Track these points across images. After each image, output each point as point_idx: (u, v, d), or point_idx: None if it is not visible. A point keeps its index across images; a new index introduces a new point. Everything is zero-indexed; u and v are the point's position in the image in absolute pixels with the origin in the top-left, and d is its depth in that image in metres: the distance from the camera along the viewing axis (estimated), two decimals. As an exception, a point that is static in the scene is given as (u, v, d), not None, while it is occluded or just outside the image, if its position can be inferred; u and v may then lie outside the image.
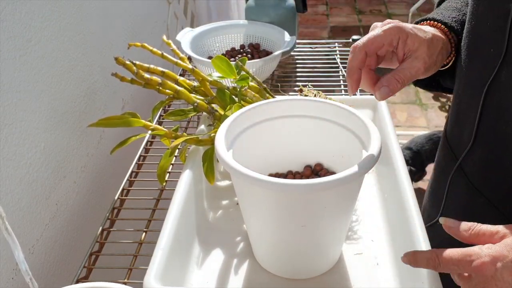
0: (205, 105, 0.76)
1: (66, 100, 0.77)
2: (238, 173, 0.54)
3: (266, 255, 0.64)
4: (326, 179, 0.52)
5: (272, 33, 1.12)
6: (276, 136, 0.69)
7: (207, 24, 1.14)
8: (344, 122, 0.65)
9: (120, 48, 0.96)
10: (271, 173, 0.70)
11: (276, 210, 0.57)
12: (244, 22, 1.16)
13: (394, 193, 0.67)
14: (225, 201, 0.76)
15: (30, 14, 0.67)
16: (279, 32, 1.10)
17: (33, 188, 0.68)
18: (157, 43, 1.18)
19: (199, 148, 0.75)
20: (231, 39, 1.15)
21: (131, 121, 0.73)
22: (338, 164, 0.68)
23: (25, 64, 0.66)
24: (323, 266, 0.63)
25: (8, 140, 0.63)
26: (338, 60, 1.18)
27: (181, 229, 0.62)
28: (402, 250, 0.61)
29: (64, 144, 0.76)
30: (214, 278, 0.63)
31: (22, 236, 0.66)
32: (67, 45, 0.76)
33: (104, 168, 0.90)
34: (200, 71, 0.80)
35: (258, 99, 0.76)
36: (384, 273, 0.63)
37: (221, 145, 0.58)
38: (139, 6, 1.07)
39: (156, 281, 0.54)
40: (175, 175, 0.81)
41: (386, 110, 0.82)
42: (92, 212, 0.86)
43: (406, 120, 2.57)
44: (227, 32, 1.14)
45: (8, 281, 0.63)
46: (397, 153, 0.71)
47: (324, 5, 3.78)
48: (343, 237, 0.64)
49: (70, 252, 0.78)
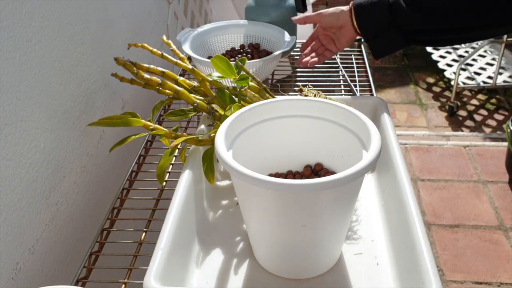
0: (205, 105, 0.76)
1: (66, 100, 0.77)
2: (238, 173, 0.54)
3: (266, 255, 0.64)
4: (326, 179, 0.52)
5: (272, 33, 1.12)
6: (276, 136, 0.69)
7: (207, 24, 1.14)
8: (344, 122, 0.65)
9: (120, 48, 0.96)
10: (271, 173, 0.70)
11: (276, 210, 0.57)
12: (244, 22, 1.16)
13: (394, 193, 0.67)
14: (225, 201, 0.76)
15: (30, 14, 0.67)
16: (279, 32, 1.10)
17: (33, 188, 0.68)
18: (157, 43, 1.19)
19: (199, 148, 0.75)
20: (231, 39, 1.15)
21: (131, 121, 0.73)
22: (338, 164, 0.68)
23: (25, 64, 0.66)
24: (323, 266, 0.63)
25: (8, 140, 0.63)
26: (338, 60, 1.18)
27: (181, 229, 0.62)
28: (402, 250, 0.62)
29: (64, 144, 0.76)
30: (214, 278, 0.63)
31: (22, 236, 0.66)
32: (67, 45, 0.76)
33: (104, 168, 0.90)
34: (199, 71, 0.80)
35: (258, 99, 0.76)
36: (384, 273, 0.63)
37: (221, 145, 0.58)
38: (139, 6, 1.07)
39: (156, 281, 0.54)
40: (175, 175, 0.81)
41: (386, 110, 0.82)
42: (92, 212, 0.86)
43: (406, 120, 2.57)
44: (227, 32, 1.14)
45: (8, 281, 0.63)
46: (397, 153, 0.71)
47: (324, 5, 3.78)
48: (343, 237, 0.64)
49: (70, 252, 0.78)
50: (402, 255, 0.61)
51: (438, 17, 0.74)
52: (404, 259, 0.60)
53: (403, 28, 0.79)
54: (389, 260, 0.64)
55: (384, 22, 0.80)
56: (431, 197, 1.98)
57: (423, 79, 2.96)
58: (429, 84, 2.91)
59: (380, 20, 0.80)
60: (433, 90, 2.86)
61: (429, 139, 2.40)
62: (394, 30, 0.80)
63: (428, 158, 2.25)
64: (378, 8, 0.80)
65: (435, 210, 1.91)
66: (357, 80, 1.16)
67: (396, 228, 0.66)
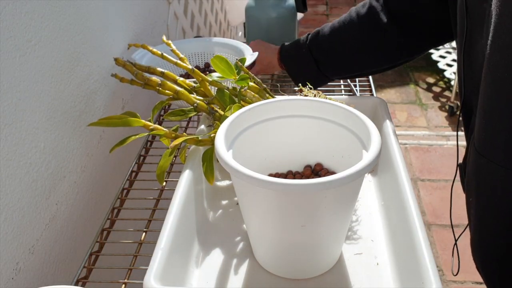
0: (204, 105, 0.76)
1: (66, 100, 0.77)
2: (238, 173, 0.54)
3: (266, 255, 0.64)
4: (326, 179, 0.52)
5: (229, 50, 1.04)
6: (276, 136, 0.69)
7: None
8: (344, 122, 0.65)
9: (120, 48, 0.96)
10: (271, 173, 0.70)
11: (276, 210, 0.57)
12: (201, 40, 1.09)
13: (394, 193, 0.67)
14: (225, 201, 0.76)
15: (30, 14, 0.67)
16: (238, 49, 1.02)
17: (33, 188, 0.68)
18: (157, 43, 1.18)
19: (199, 148, 0.75)
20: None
21: (131, 121, 0.73)
22: (338, 164, 0.68)
23: (25, 64, 0.66)
24: (323, 266, 0.63)
25: (8, 140, 0.63)
26: (338, 60, 1.18)
27: (181, 229, 0.62)
28: (402, 250, 0.62)
29: (64, 144, 0.76)
30: (214, 278, 0.63)
31: (22, 236, 0.66)
32: (67, 45, 0.77)
33: (104, 168, 0.90)
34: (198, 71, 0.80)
35: (258, 99, 0.76)
36: (384, 273, 0.63)
37: (221, 145, 0.58)
38: (139, 6, 1.07)
39: (156, 281, 0.54)
40: (175, 175, 0.81)
41: (386, 110, 0.82)
42: (92, 212, 0.86)
43: (406, 120, 2.58)
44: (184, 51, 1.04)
45: (8, 281, 0.63)
46: (397, 153, 0.71)
47: (324, 5, 3.78)
48: (343, 237, 0.64)
49: (70, 252, 0.78)
50: (402, 255, 0.61)
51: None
52: (404, 259, 0.60)
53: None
54: (389, 260, 0.64)
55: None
56: (431, 197, 1.98)
57: (423, 79, 2.96)
58: (429, 84, 2.91)
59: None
60: (433, 90, 2.86)
61: (429, 139, 2.40)
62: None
63: (428, 158, 2.25)
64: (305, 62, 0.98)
65: (435, 210, 1.91)
66: (357, 80, 1.16)
67: (396, 228, 0.66)
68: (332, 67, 0.97)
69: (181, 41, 1.09)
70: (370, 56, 0.94)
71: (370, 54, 0.93)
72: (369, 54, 0.93)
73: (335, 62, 0.97)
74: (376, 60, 0.94)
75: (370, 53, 0.93)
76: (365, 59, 0.94)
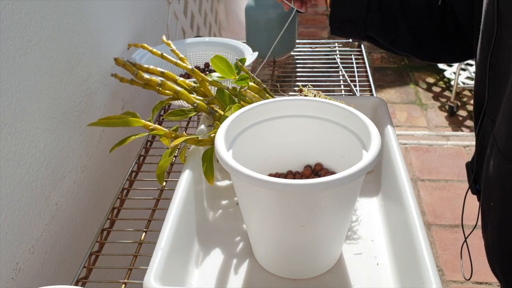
0: (204, 105, 0.76)
1: (66, 100, 0.77)
2: (238, 173, 0.54)
3: (266, 255, 0.64)
4: (326, 179, 0.52)
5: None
6: (276, 136, 0.69)
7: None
8: (344, 122, 0.65)
9: (120, 48, 0.96)
10: (271, 173, 0.70)
11: (276, 210, 0.57)
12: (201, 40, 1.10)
13: (394, 193, 0.67)
14: (225, 201, 0.76)
15: (30, 14, 0.67)
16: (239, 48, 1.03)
17: (33, 188, 0.68)
18: (157, 43, 1.19)
19: (199, 148, 0.75)
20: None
21: (131, 121, 0.73)
22: (338, 164, 0.68)
23: (25, 64, 0.66)
24: (323, 266, 0.63)
25: (8, 140, 0.63)
26: (338, 60, 1.18)
27: (181, 229, 0.62)
28: (402, 250, 0.62)
29: (64, 144, 0.76)
30: (214, 278, 0.63)
31: (22, 236, 0.66)
32: (67, 45, 0.77)
33: (104, 168, 0.90)
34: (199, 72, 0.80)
35: (258, 99, 0.76)
36: (384, 273, 0.63)
37: (221, 145, 0.58)
38: (139, 6, 1.07)
39: (156, 281, 0.54)
40: (175, 175, 0.81)
41: (386, 110, 0.82)
42: (92, 212, 0.86)
43: (406, 120, 2.58)
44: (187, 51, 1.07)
45: (8, 281, 0.63)
46: (397, 153, 0.71)
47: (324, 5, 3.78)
48: (343, 237, 0.64)
49: (70, 252, 0.78)
50: (402, 255, 0.61)
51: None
52: (404, 259, 0.60)
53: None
54: (389, 260, 0.64)
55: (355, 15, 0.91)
56: (431, 197, 1.98)
57: (423, 79, 2.96)
58: (429, 84, 2.91)
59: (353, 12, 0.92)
60: (433, 90, 2.86)
61: (429, 139, 2.40)
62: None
63: (428, 158, 2.25)
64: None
65: (435, 210, 1.91)
66: (357, 80, 1.17)
67: (396, 228, 0.66)
68: (382, 21, 0.87)
69: (181, 41, 1.09)
70: (427, 31, 0.86)
71: (428, 29, 0.85)
72: (428, 29, 0.85)
73: (388, 19, 0.86)
74: (434, 39, 0.86)
75: (429, 28, 0.85)
76: (422, 31, 0.86)
